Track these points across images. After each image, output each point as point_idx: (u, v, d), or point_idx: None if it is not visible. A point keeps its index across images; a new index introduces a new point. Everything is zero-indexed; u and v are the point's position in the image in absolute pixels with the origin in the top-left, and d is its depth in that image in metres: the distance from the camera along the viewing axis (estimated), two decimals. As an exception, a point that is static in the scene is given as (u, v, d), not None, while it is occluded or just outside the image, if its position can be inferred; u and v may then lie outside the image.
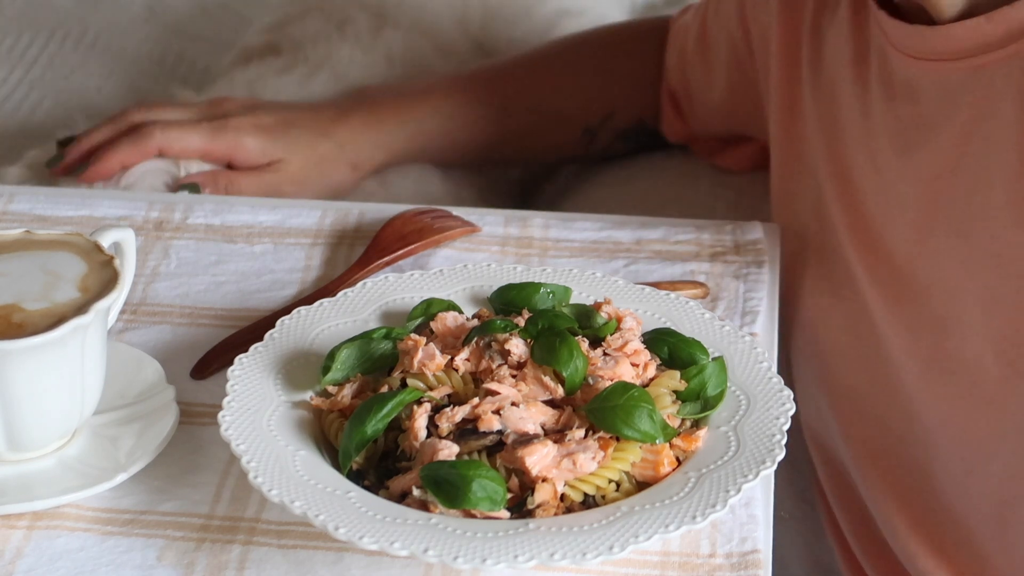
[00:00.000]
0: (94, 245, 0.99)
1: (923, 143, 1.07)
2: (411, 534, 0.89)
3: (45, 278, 0.96)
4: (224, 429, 0.95)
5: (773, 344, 1.11)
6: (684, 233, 1.22)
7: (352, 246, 1.21)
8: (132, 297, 1.15)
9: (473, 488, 0.91)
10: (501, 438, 0.95)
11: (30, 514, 0.96)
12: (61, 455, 0.99)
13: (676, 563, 0.93)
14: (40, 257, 0.98)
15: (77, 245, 0.99)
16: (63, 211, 1.24)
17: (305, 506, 0.90)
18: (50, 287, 0.95)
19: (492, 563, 0.87)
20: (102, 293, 0.95)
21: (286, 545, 0.95)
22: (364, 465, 0.96)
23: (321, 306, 1.07)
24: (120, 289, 0.96)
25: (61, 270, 0.97)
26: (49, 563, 0.94)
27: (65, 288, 0.95)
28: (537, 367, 0.98)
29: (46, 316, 0.93)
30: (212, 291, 1.16)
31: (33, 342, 0.91)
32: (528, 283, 1.08)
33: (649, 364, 1.00)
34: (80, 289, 0.95)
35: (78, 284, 0.96)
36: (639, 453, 0.95)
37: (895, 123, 1.10)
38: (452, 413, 0.95)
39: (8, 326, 0.92)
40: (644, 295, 1.09)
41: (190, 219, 1.23)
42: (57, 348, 0.92)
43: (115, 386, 1.04)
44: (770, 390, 0.99)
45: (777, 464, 0.94)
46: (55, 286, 0.95)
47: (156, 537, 0.95)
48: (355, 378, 1.00)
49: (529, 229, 1.23)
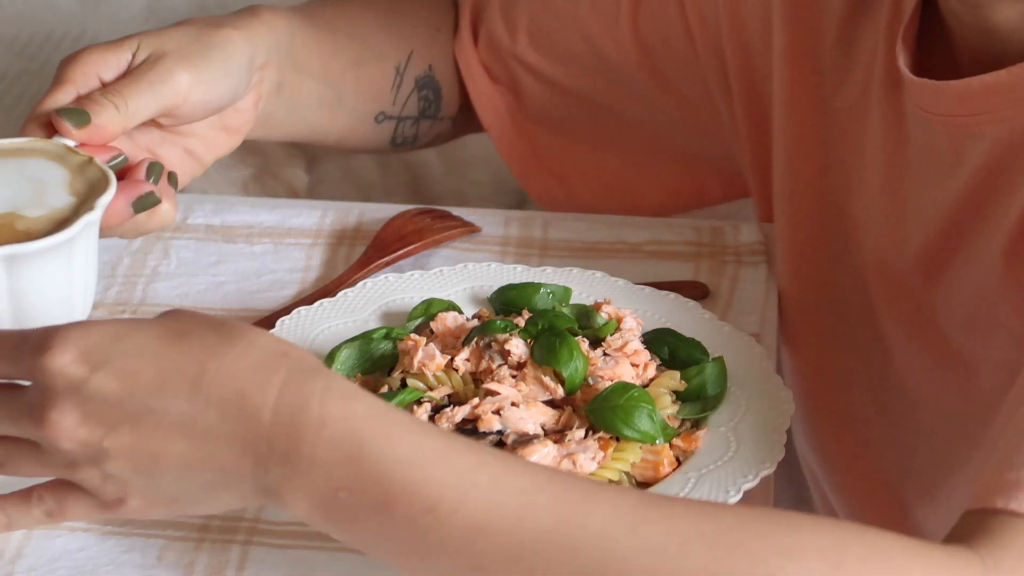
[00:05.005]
0: (65, 148, 0.97)
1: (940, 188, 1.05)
2: (411, 534, 0.89)
3: (30, 185, 0.94)
4: (224, 429, 0.95)
5: (773, 344, 1.11)
6: (684, 233, 1.22)
7: (352, 246, 1.21)
8: (132, 297, 1.15)
9: (473, 488, 0.91)
10: (501, 438, 0.95)
11: (30, 514, 0.96)
12: (61, 455, 0.99)
13: (676, 563, 0.93)
14: (14, 165, 0.95)
15: (47, 151, 0.97)
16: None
17: (305, 506, 0.90)
18: (40, 193, 0.93)
19: (492, 563, 0.87)
20: (97, 191, 0.93)
21: (286, 545, 0.95)
22: (364, 465, 0.96)
23: (321, 306, 1.07)
24: (113, 185, 0.94)
25: (43, 176, 0.95)
26: (49, 563, 0.94)
27: (56, 193, 0.93)
28: (537, 367, 0.98)
29: (49, 221, 0.91)
30: (212, 291, 1.16)
31: (50, 242, 0.89)
32: (528, 283, 1.08)
33: (649, 364, 1.00)
34: (72, 193, 0.94)
35: (67, 189, 0.94)
36: (639, 453, 0.94)
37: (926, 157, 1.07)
38: (452, 413, 0.95)
39: (14, 233, 0.90)
40: (644, 295, 1.09)
41: (190, 219, 1.23)
42: (67, 249, 0.91)
43: (115, 386, 1.04)
44: (770, 390, 0.99)
45: (777, 464, 0.94)
46: (44, 192, 0.93)
47: (156, 537, 0.95)
48: (355, 378, 1.00)
49: (529, 229, 1.23)
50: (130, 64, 1.04)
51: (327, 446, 0.78)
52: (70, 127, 0.99)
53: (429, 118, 1.30)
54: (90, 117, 0.99)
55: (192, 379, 0.80)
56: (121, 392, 0.80)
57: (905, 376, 1.13)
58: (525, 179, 1.33)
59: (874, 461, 1.19)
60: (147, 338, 0.81)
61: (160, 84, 1.02)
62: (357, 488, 0.78)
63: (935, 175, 1.05)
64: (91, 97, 1.01)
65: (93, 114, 0.99)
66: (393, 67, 1.27)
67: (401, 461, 0.78)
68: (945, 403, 1.10)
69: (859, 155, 1.12)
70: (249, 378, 0.79)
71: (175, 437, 0.80)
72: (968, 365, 1.07)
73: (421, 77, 1.29)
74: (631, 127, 1.28)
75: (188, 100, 1.03)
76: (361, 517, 0.79)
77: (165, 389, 0.80)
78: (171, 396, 0.80)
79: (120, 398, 0.80)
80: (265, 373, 0.79)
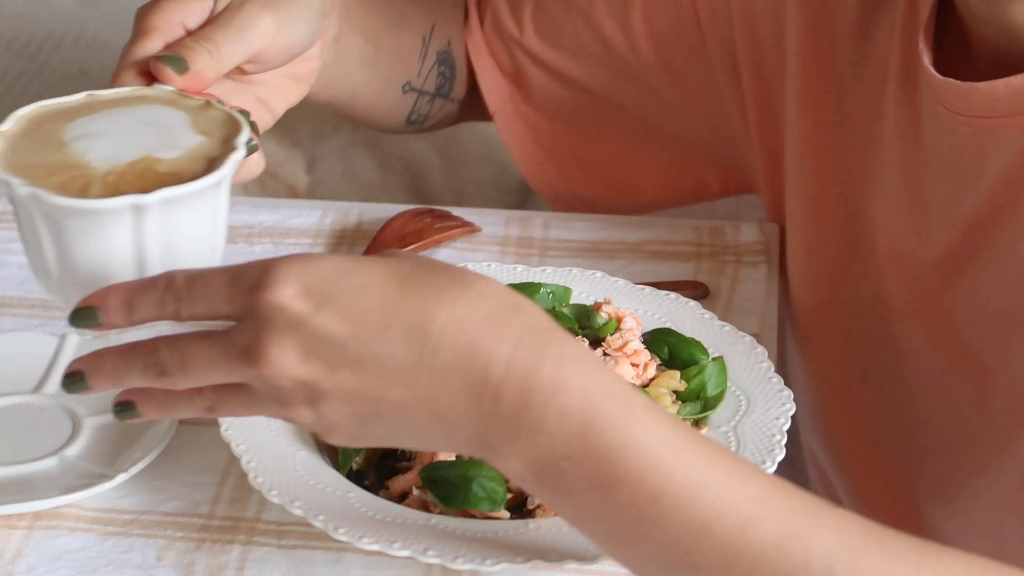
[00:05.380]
0: (175, 93, 0.93)
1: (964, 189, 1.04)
2: (411, 534, 0.89)
3: (154, 130, 0.88)
4: (224, 429, 0.95)
5: (773, 344, 1.11)
6: (684, 233, 1.22)
7: (352, 246, 1.21)
8: (132, 297, 1.15)
9: (473, 488, 0.91)
10: (501, 438, 0.95)
11: (30, 514, 0.96)
12: (61, 455, 0.99)
13: (676, 563, 0.93)
14: (128, 114, 0.90)
15: (157, 97, 0.92)
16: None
17: (305, 507, 0.90)
18: (168, 136, 0.88)
19: (492, 563, 0.87)
20: (231, 130, 0.89)
21: (286, 545, 0.95)
22: (364, 465, 0.96)
23: (321, 306, 1.07)
24: (245, 123, 0.89)
25: (164, 120, 0.89)
26: (49, 563, 0.94)
27: (185, 134, 0.88)
28: (537, 367, 0.98)
29: (191, 161, 0.86)
30: (212, 291, 1.16)
31: (208, 181, 0.84)
32: (528, 283, 1.08)
33: (649, 364, 1.00)
34: (201, 132, 0.88)
35: (194, 129, 0.88)
36: (639, 453, 0.94)
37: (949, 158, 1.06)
38: (452, 413, 0.95)
39: (160, 176, 0.84)
40: (644, 295, 1.09)
41: (190, 219, 1.23)
42: (215, 189, 0.86)
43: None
44: (770, 390, 0.99)
45: (777, 464, 0.94)
46: (172, 135, 0.88)
47: (156, 537, 0.95)
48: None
49: (529, 229, 1.23)
50: (212, 11, 1.00)
51: (558, 413, 0.76)
52: (172, 73, 0.94)
53: (442, 97, 1.29)
54: (188, 63, 0.95)
55: (421, 324, 0.76)
56: (345, 332, 0.76)
57: (919, 377, 1.12)
58: (526, 167, 1.32)
59: (887, 462, 1.18)
60: (373, 277, 0.77)
61: (248, 29, 0.99)
62: (581, 462, 0.76)
63: (958, 176, 1.04)
64: (183, 44, 0.96)
65: (189, 61, 0.95)
66: (420, 37, 1.25)
67: (632, 444, 0.76)
68: (960, 405, 1.10)
69: (874, 153, 1.11)
70: (481, 329, 0.76)
71: (397, 383, 0.77)
72: (985, 367, 1.06)
73: (441, 52, 1.28)
74: (634, 119, 1.28)
75: (273, 44, 1.00)
76: (577, 490, 0.77)
77: (391, 332, 0.76)
78: (397, 340, 0.76)
79: (344, 338, 0.76)
80: (498, 326, 0.76)
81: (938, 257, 1.07)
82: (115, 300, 0.81)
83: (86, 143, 0.86)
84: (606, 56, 1.25)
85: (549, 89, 1.29)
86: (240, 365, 0.78)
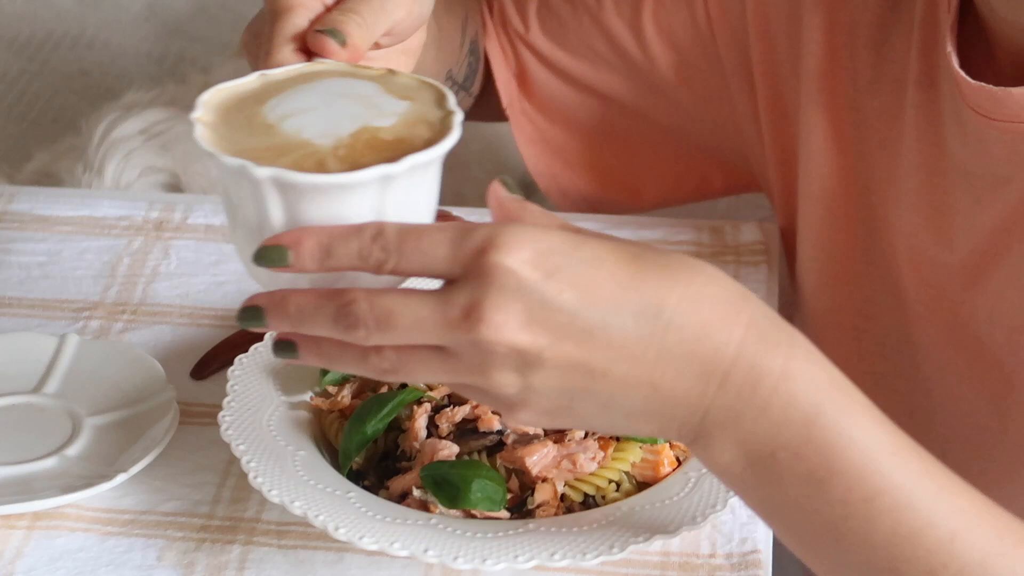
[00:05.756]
0: (350, 65, 0.89)
1: (991, 194, 1.04)
2: (411, 534, 0.89)
3: (355, 101, 0.85)
4: (224, 429, 0.95)
5: (773, 344, 1.11)
6: (684, 233, 1.22)
7: (352, 246, 1.21)
8: (132, 297, 1.15)
9: (473, 488, 0.91)
10: (501, 438, 0.95)
11: (30, 514, 0.96)
12: (61, 455, 0.99)
13: (676, 563, 0.93)
14: (316, 89, 0.86)
15: (333, 71, 0.88)
16: (63, 211, 1.24)
17: (305, 506, 0.90)
18: (372, 106, 0.84)
19: (492, 563, 0.87)
20: (433, 93, 0.85)
21: (286, 545, 0.95)
22: (364, 465, 0.96)
23: (321, 306, 1.07)
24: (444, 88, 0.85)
25: (357, 91, 0.86)
26: (49, 563, 0.94)
27: (388, 102, 0.84)
28: (537, 367, 0.98)
29: (410, 126, 0.82)
30: (212, 291, 1.16)
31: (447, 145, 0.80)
32: (528, 283, 1.07)
33: (649, 364, 1.00)
34: (402, 98, 0.85)
35: (394, 95, 0.85)
36: (639, 453, 0.95)
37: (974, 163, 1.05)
38: (452, 413, 0.95)
39: (387, 144, 0.81)
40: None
41: (190, 219, 1.23)
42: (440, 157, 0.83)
43: (115, 386, 1.04)
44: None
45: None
46: (376, 104, 0.84)
47: (156, 537, 0.95)
48: (355, 378, 1.00)
49: (529, 229, 1.23)
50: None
51: (784, 401, 0.76)
52: (336, 46, 0.89)
53: (464, 89, 1.27)
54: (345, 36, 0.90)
55: (654, 302, 0.75)
56: (576, 303, 0.75)
57: (936, 380, 1.12)
58: (532, 163, 1.31)
59: None
60: (603, 251, 0.76)
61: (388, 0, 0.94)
62: (799, 453, 0.76)
63: (984, 180, 1.04)
64: (332, 19, 0.92)
65: (345, 34, 0.90)
66: (461, 23, 1.24)
67: (854, 441, 0.76)
68: (977, 409, 1.09)
69: (892, 155, 1.10)
70: (715, 311, 0.76)
71: (623, 358, 0.76)
72: (1005, 372, 1.06)
73: (473, 41, 1.26)
74: (640, 118, 1.27)
75: (409, 15, 0.96)
76: (789, 481, 0.77)
77: (623, 307, 0.75)
78: (628, 315, 0.75)
79: (574, 309, 0.75)
80: (731, 310, 0.76)
81: (960, 261, 1.06)
82: (311, 243, 0.77)
83: (294, 122, 0.82)
84: (614, 57, 1.24)
85: (552, 87, 1.28)
86: (453, 326, 0.75)
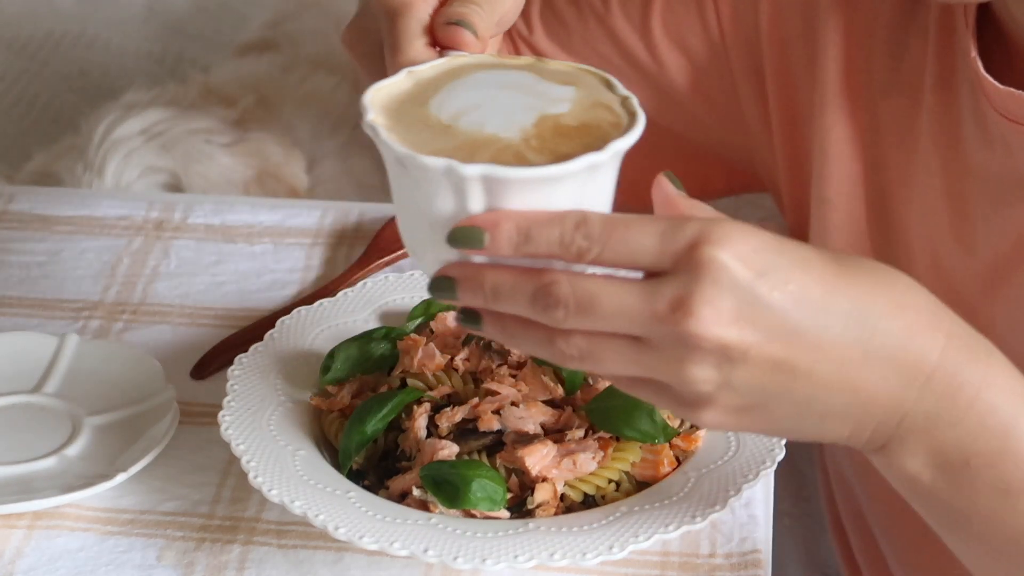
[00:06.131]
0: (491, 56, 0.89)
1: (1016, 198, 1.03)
2: (411, 534, 0.89)
3: (518, 91, 0.84)
4: (224, 429, 0.95)
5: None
6: (684, 233, 1.22)
7: (352, 246, 1.21)
8: (132, 297, 1.15)
9: (473, 488, 0.91)
10: (501, 438, 0.95)
11: (30, 514, 0.96)
12: (61, 455, 0.99)
13: (676, 563, 0.93)
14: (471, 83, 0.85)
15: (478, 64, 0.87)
16: (63, 211, 1.24)
17: (305, 506, 0.90)
18: (539, 94, 0.83)
19: (492, 563, 0.87)
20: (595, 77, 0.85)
21: (286, 545, 0.95)
22: (364, 465, 0.96)
23: (321, 306, 1.07)
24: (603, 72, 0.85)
25: (516, 81, 0.84)
26: (49, 563, 0.94)
27: (553, 89, 0.83)
28: (537, 367, 0.98)
29: (588, 110, 0.82)
30: (212, 291, 1.16)
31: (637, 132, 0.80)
32: (528, 283, 1.07)
33: (649, 364, 1.00)
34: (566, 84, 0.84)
35: (555, 82, 0.84)
36: (639, 453, 0.95)
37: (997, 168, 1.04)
38: (452, 413, 0.95)
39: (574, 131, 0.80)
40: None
41: (190, 219, 1.24)
42: None
43: (115, 386, 1.04)
44: (770, 390, 0.99)
45: (777, 464, 0.94)
46: (541, 91, 0.83)
47: (156, 537, 0.95)
48: (355, 378, 1.00)
49: (529, 229, 1.23)
50: None
51: (984, 410, 0.77)
52: (472, 38, 0.89)
53: None
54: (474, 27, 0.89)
55: (861, 306, 0.77)
56: (786, 303, 0.76)
57: None
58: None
59: None
60: (809, 254, 0.77)
61: None
62: (996, 461, 0.77)
63: (1008, 184, 1.03)
64: (457, 11, 0.90)
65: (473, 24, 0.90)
66: None
67: None
68: None
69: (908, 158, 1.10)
70: (918, 318, 0.77)
71: (828, 359, 0.77)
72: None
73: None
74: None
75: (516, 4, 0.94)
76: (980, 490, 0.77)
77: (831, 309, 0.76)
78: (836, 317, 0.76)
79: (784, 308, 0.76)
80: (933, 318, 0.78)
81: (982, 266, 1.06)
82: (509, 226, 0.76)
83: (468, 118, 0.81)
84: (621, 60, 1.23)
85: None
86: (658, 317, 0.75)
